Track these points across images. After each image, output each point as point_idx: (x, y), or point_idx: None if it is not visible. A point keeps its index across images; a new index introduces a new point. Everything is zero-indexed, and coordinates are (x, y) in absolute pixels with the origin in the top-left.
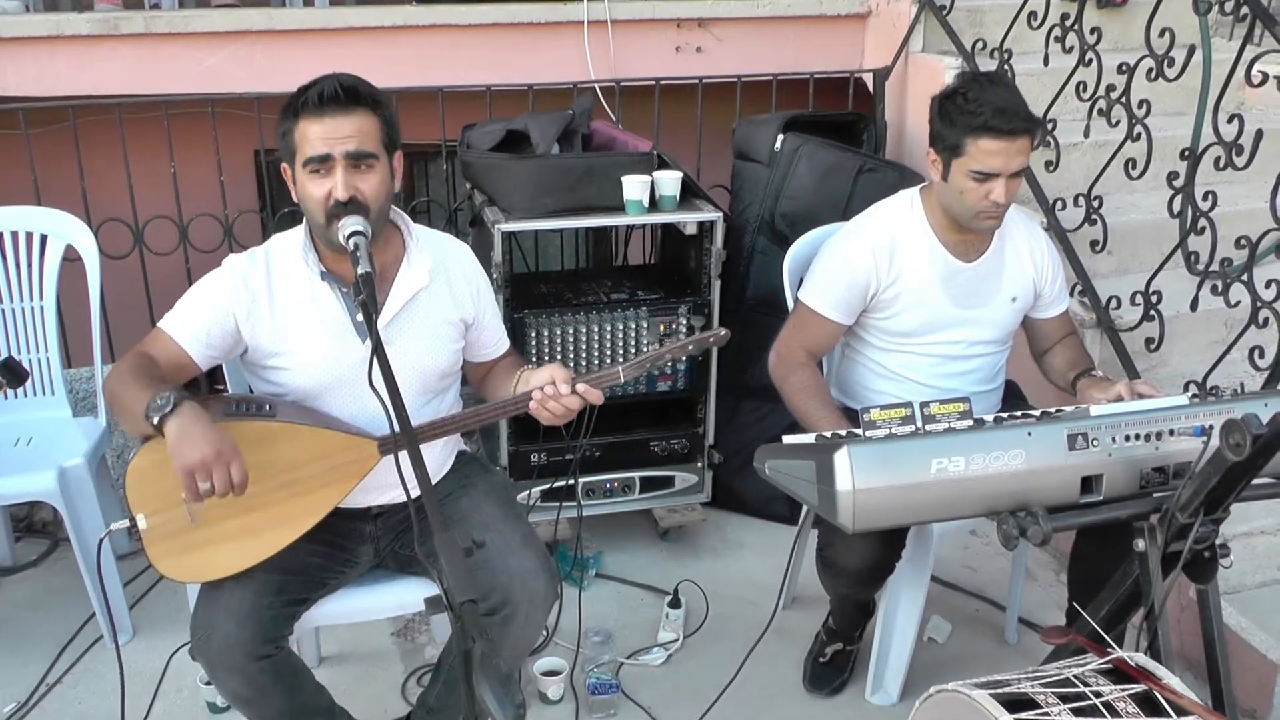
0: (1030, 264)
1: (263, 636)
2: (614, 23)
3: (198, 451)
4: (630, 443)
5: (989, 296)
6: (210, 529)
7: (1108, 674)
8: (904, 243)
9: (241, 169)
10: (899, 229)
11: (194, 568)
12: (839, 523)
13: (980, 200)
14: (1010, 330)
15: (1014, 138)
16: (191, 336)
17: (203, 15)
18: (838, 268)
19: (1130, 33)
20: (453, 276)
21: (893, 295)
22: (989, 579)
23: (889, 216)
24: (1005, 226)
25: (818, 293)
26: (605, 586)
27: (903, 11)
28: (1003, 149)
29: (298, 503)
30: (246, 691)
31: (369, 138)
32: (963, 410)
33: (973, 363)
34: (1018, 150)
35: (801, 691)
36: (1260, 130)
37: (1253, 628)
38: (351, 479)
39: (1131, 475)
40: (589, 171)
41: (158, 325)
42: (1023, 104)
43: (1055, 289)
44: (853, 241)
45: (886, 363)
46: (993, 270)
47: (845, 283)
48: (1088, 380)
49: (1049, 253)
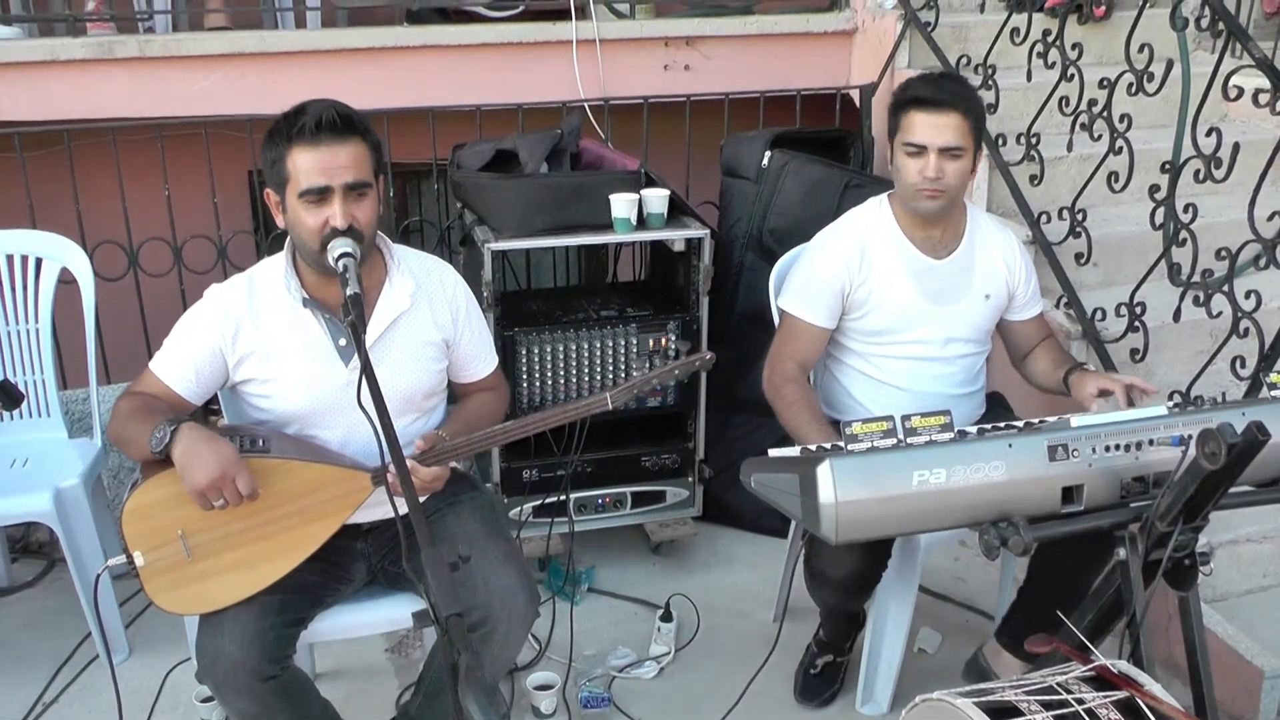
0: (1002, 264)
1: (268, 657)
2: (603, 42)
3: (205, 474)
4: (621, 458)
5: (962, 293)
6: (206, 562)
7: (1091, 681)
8: (873, 242)
9: (235, 190)
10: (867, 229)
11: (191, 600)
12: (822, 535)
13: (915, 175)
14: (986, 330)
15: (940, 110)
16: (179, 376)
17: (196, 38)
18: (811, 271)
19: (1111, 48)
20: (434, 297)
21: (865, 293)
22: (978, 590)
23: (857, 219)
24: (974, 226)
25: (796, 298)
26: (597, 601)
27: (888, 28)
28: (929, 121)
29: (292, 535)
30: (254, 710)
31: (363, 167)
32: (944, 423)
33: (952, 365)
34: (947, 125)
35: (792, 703)
36: (1238, 143)
37: (1239, 634)
38: (344, 511)
39: (1112, 485)
40: (577, 190)
41: (148, 366)
42: (960, 85)
43: (1029, 290)
44: (823, 245)
45: (865, 368)
46: (963, 267)
47: (819, 284)
48: (1080, 374)
49: (1020, 255)
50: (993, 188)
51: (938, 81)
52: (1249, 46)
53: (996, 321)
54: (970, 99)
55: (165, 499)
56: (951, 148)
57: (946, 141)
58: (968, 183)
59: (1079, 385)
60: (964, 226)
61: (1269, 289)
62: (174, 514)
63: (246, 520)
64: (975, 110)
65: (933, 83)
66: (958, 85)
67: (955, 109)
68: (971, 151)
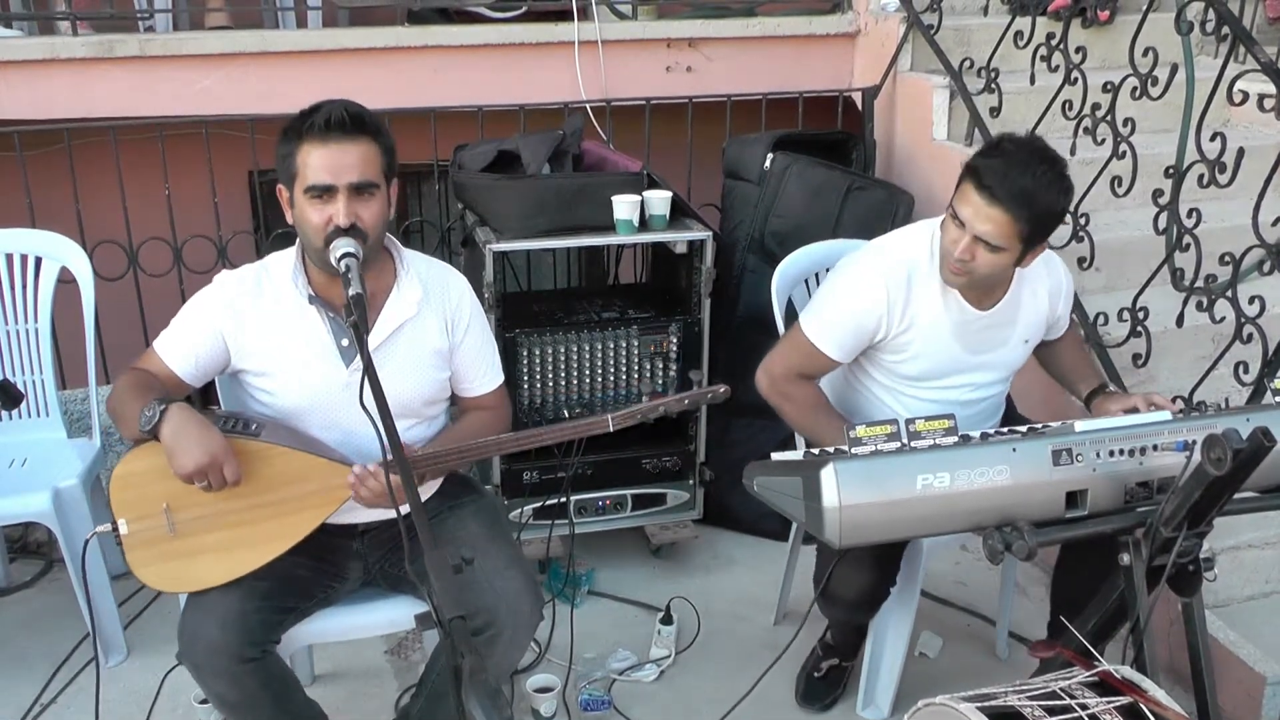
0: (1045, 300)
1: (248, 640)
2: (605, 43)
3: (191, 459)
4: (622, 460)
5: (1001, 343)
6: (188, 540)
7: (1094, 687)
8: (919, 285)
9: (235, 190)
10: (915, 268)
11: (172, 577)
12: (825, 539)
13: (950, 245)
14: (1018, 367)
15: (992, 202)
16: (180, 357)
17: (196, 38)
18: (847, 308)
19: (1115, 52)
20: (440, 306)
21: (905, 341)
22: (980, 594)
23: (906, 251)
24: (1023, 274)
25: (823, 329)
26: (598, 603)
27: (891, 31)
28: (976, 205)
29: (275, 524)
30: (233, 695)
31: (371, 167)
32: (948, 427)
33: (979, 406)
34: (990, 217)
35: (793, 706)
36: (1242, 148)
37: (1241, 640)
38: (329, 505)
39: (1116, 490)
40: (579, 192)
41: (152, 345)
42: (1036, 186)
43: (1065, 310)
44: (867, 280)
45: (889, 400)
46: (1007, 318)
47: (853, 325)
48: (1102, 397)
49: (1064, 280)
50: None
51: (1008, 169)
52: (1254, 50)
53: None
54: (1033, 203)
55: (153, 469)
56: (987, 241)
57: (983, 233)
58: (1009, 273)
59: (1102, 409)
60: (1012, 276)
61: (1273, 294)
62: (160, 486)
63: (230, 503)
64: (1036, 214)
65: (998, 172)
66: (1032, 181)
67: (1006, 209)
68: (1019, 251)
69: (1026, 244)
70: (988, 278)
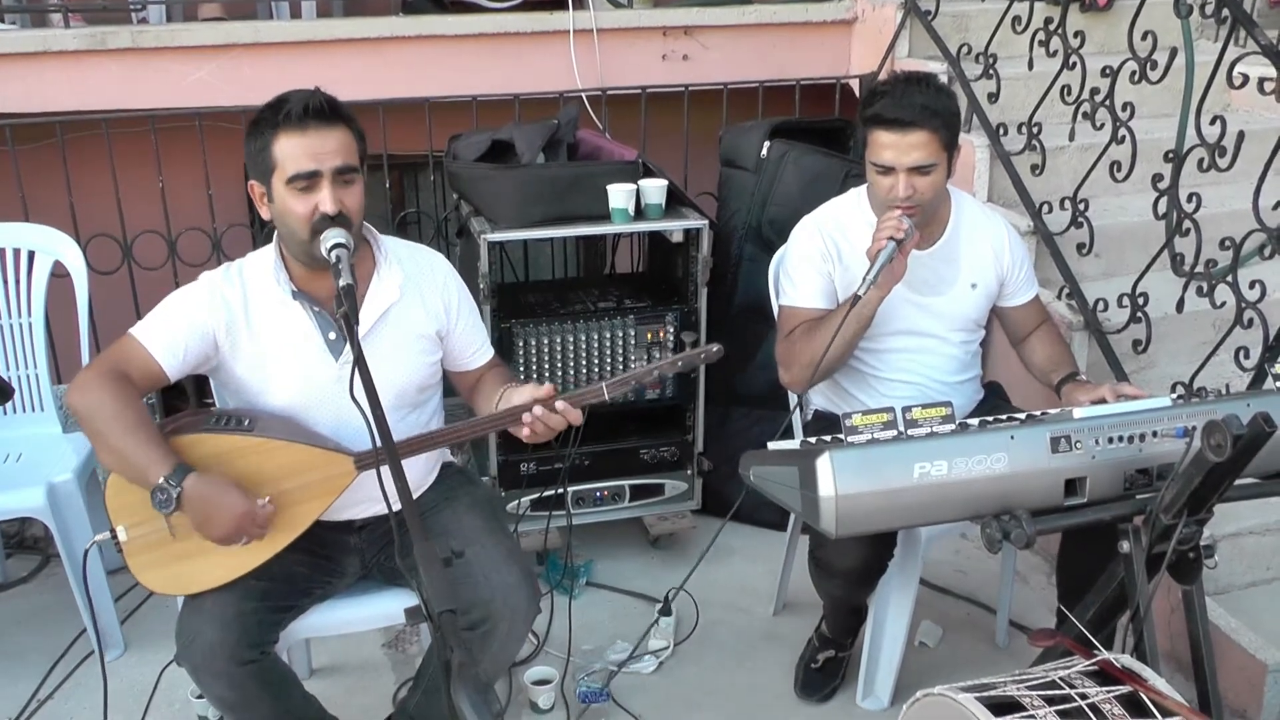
0: (990, 251)
1: (247, 641)
2: (600, 31)
3: (222, 530)
4: (620, 451)
5: (948, 284)
6: (189, 542)
7: (1094, 676)
8: (850, 230)
9: (229, 182)
10: (844, 218)
11: (175, 580)
12: (821, 528)
13: (886, 194)
14: (976, 320)
15: (905, 130)
16: (165, 348)
17: (189, 29)
18: (796, 261)
19: (1114, 36)
20: (425, 288)
21: (846, 282)
22: (980, 582)
23: (832, 208)
24: (959, 214)
25: (792, 289)
26: (596, 595)
27: (888, 17)
28: (894, 141)
29: (277, 517)
30: (232, 696)
31: (350, 152)
32: (945, 414)
33: (943, 355)
34: (913, 145)
35: (793, 697)
36: (1242, 132)
37: (1242, 628)
38: (329, 495)
39: (1115, 477)
40: (574, 181)
41: (129, 333)
42: (926, 94)
43: (1022, 275)
44: (800, 234)
45: (856, 364)
46: (948, 256)
47: (806, 269)
48: (1071, 385)
49: (1009, 239)
50: (994, 178)
51: (901, 97)
52: (1254, 33)
53: (988, 310)
54: (937, 110)
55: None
56: (920, 166)
57: (914, 161)
58: (944, 185)
59: (1069, 397)
60: (948, 215)
61: (1273, 279)
62: None
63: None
64: (945, 119)
65: (896, 99)
66: (924, 96)
67: (921, 127)
68: (945, 161)
69: (948, 150)
70: (934, 201)
